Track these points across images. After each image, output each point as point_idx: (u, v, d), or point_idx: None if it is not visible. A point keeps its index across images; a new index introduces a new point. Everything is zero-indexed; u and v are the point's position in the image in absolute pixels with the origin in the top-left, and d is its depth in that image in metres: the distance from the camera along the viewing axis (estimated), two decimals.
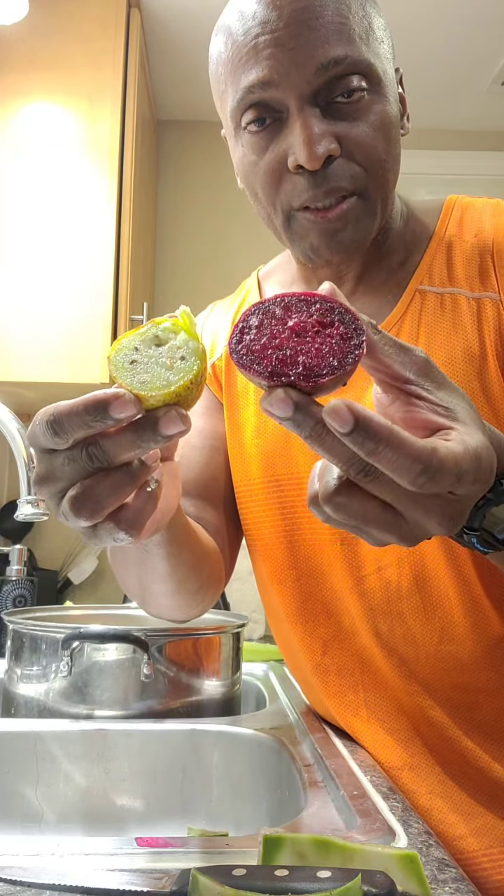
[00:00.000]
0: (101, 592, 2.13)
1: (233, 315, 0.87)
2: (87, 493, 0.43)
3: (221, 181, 2.34)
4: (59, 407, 0.42)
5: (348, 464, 0.40)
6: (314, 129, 0.62)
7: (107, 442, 0.42)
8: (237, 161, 0.71)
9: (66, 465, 0.43)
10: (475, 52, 2.14)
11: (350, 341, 0.41)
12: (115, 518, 0.45)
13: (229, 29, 0.67)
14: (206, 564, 0.74)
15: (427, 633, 0.72)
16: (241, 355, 0.42)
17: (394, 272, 0.75)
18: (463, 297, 0.71)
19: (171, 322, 0.44)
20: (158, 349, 0.43)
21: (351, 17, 0.64)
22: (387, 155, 0.66)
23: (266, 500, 0.79)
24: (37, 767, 0.85)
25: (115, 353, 0.43)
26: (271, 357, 0.41)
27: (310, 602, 0.78)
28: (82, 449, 0.42)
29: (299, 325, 0.42)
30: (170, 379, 0.42)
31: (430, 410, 0.44)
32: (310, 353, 0.41)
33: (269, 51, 0.63)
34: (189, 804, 0.86)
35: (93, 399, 0.41)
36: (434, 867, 0.50)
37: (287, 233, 0.69)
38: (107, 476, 0.43)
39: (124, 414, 0.41)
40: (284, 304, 0.43)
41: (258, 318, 0.42)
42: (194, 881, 0.43)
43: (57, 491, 0.44)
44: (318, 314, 0.42)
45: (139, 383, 0.42)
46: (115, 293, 1.76)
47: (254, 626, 1.73)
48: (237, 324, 0.43)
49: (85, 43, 1.84)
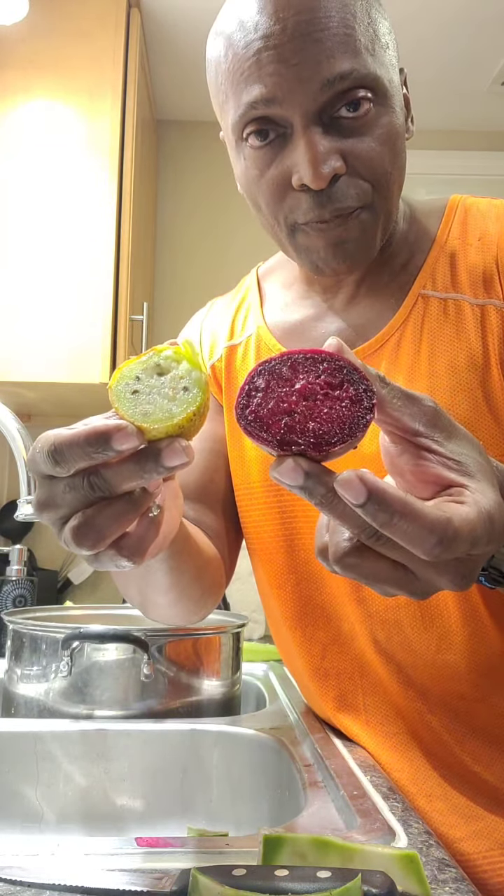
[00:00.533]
0: (101, 592, 2.13)
1: (232, 313, 0.86)
2: (89, 523, 0.42)
3: (221, 181, 2.34)
4: (60, 437, 0.41)
5: (360, 529, 0.40)
6: (319, 147, 0.61)
7: (108, 472, 0.42)
8: (239, 173, 0.69)
9: (67, 492, 0.42)
10: (475, 52, 2.14)
11: (360, 404, 0.40)
12: (118, 546, 0.44)
13: (230, 38, 0.64)
14: (208, 573, 0.73)
15: (424, 642, 0.72)
16: (248, 422, 0.41)
17: (396, 275, 0.74)
18: (466, 303, 0.70)
19: (173, 350, 0.43)
20: (161, 378, 0.42)
21: (357, 27, 0.61)
22: (393, 167, 0.65)
23: (266, 504, 0.79)
24: (37, 767, 0.85)
25: (117, 383, 0.42)
26: (280, 423, 0.40)
27: (309, 606, 0.78)
28: (84, 478, 0.42)
29: (307, 388, 0.40)
30: (173, 410, 0.41)
31: (442, 465, 0.43)
32: (320, 419, 0.40)
33: (273, 66, 0.60)
34: (189, 804, 0.86)
35: (94, 431, 0.40)
36: (434, 867, 0.50)
37: (292, 245, 0.68)
38: (108, 505, 0.42)
39: (126, 446, 0.40)
40: (291, 363, 0.41)
41: (265, 378, 0.41)
42: (194, 881, 0.43)
43: (58, 518, 0.44)
44: (326, 374, 0.41)
45: (141, 415, 0.41)
46: (115, 293, 1.75)
47: (254, 626, 1.73)
48: (243, 385, 0.41)
49: (85, 43, 1.84)
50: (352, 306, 0.75)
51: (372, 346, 0.73)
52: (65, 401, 1.90)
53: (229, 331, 0.85)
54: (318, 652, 0.79)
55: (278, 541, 0.79)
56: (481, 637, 0.70)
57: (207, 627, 0.99)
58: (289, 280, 0.82)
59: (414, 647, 0.72)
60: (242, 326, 0.84)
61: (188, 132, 2.44)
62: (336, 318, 0.76)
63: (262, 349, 0.81)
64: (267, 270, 0.87)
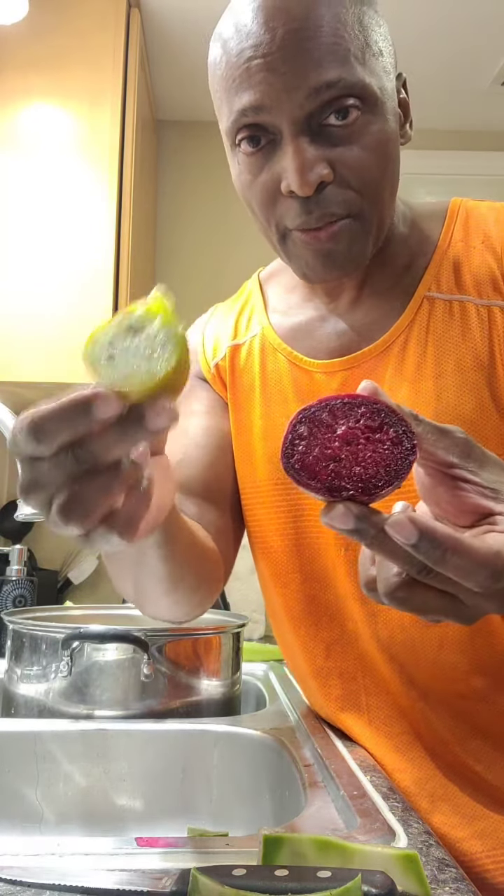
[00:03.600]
0: (101, 592, 2.13)
1: (235, 315, 0.86)
2: (76, 498, 0.40)
3: (221, 181, 2.33)
4: (39, 412, 0.39)
5: (410, 565, 0.41)
6: (306, 154, 0.62)
7: (93, 442, 0.40)
8: (234, 176, 0.70)
9: (52, 470, 0.40)
10: (475, 52, 2.14)
11: (402, 445, 0.42)
12: (108, 522, 0.42)
13: (226, 45, 0.65)
14: (205, 564, 0.72)
15: (427, 641, 0.72)
16: (296, 471, 0.42)
17: (399, 278, 0.75)
18: (472, 304, 0.71)
19: (144, 309, 0.41)
20: (135, 339, 0.40)
21: (346, 36, 0.62)
22: (382, 176, 0.65)
23: (272, 502, 0.79)
24: (37, 767, 0.85)
25: (91, 349, 0.40)
26: (326, 469, 0.42)
27: (313, 605, 0.78)
28: (67, 452, 0.40)
29: (348, 433, 0.42)
30: (152, 370, 0.39)
31: (478, 493, 0.45)
32: (365, 463, 0.42)
33: (262, 75, 0.62)
34: (189, 804, 0.86)
35: (73, 401, 0.39)
36: (434, 867, 0.50)
37: (284, 250, 0.69)
38: (95, 478, 0.40)
39: (108, 413, 0.39)
40: (330, 409, 0.43)
41: (307, 427, 0.43)
42: (194, 881, 0.43)
43: (45, 499, 0.42)
44: (365, 419, 0.42)
45: (121, 378, 0.39)
46: (115, 293, 1.75)
47: (254, 626, 1.73)
48: (287, 434, 0.43)
49: (85, 43, 1.84)
50: (355, 309, 0.76)
51: (378, 347, 0.73)
52: None
53: (233, 331, 0.85)
54: (321, 651, 0.79)
55: (284, 539, 0.79)
56: (484, 636, 0.70)
57: (207, 627, 0.99)
58: (290, 284, 0.82)
59: (416, 647, 0.72)
60: (246, 327, 0.85)
61: (188, 132, 2.44)
62: (340, 321, 0.77)
63: (267, 348, 0.81)
64: (269, 274, 0.88)
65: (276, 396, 0.79)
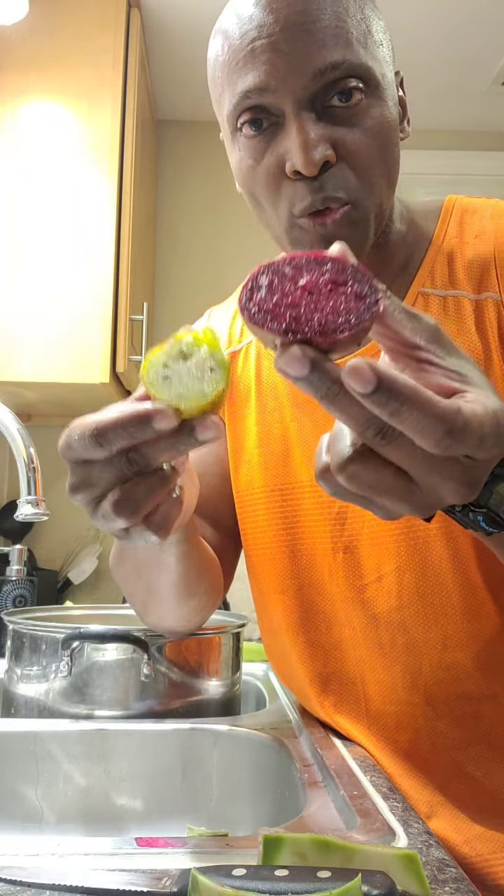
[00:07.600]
0: (101, 592, 2.13)
1: (228, 324, 0.87)
2: (128, 496, 0.47)
3: (221, 181, 2.33)
4: (103, 420, 0.45)
5: (365, 426, 0.39)
6: (310, 133, 0.62)
7: (147, 448, 0.46)
8: (235, 165, 0.70)
9: (104, 471, 0.47)
10: (475, 52, 2.14)
11: (365, 299, 0.40)
12: (147, 520, 0.49)
13: (226, 32, 0.66)
14: (211, 570, 0.75)
15: (430, 641, 0.71)
16: (252, 313, 0.41)
17: (396, 276, 0.75)
18: (466, 299, 0.71)
19: (193, 336, 0.46)
20: (186, 363, 0.46)
21: (349, 21, 0.63)
22: (383, 160, 0.65)
23: (267, 508, 0.79)
24: (37, 767, 0.85)
25: (148, 371, 0.46)
26: (285, 314, 0.40)
27: (311, 612, 0.78)
28: (123, 455, 0.46)
29: (311, 284, 0.41)
30: (204, 390, 0.45)
31: (443, 375, 0.42)
32: (325, 310, 0.40)
33: (266, 56, 0.62)
34: (189, 804, 0.86)
35: (136, 413, 0.45)
36: (434, 867, 0.50)
37: (289, 239, 0.68)
38: (143, 479, 0.47)
39: (166, 426, 0.44)
40: (294, 264, 0.41)
41: (268, 277, 0.41)
42: (194, 881, 0.43)
43: (94, 497, 0.48)
44: (331, 273, 0.41)
45: (176, 396, 0.45)
46: (115, 293, 1.75)
47: (254, 626, 1.72)
48: (246, 283, 0.42)
49: (85, 43, 1.84)
50: None
51: (374, 346, 0.73)
52: (65, 401, 1.90)
53: (227, 338, 0.86)
54: (320, 658, 0.78)
55: (280, 545, 0.79)
56: (488, 631, 0.70)
57: (207, 627, 0.99)
58: None
59: (419, 648, 0.72)
60: (241, 333, 0.85)
61: (188, 132, 2.44)
62: None
63: (262, 355, 0.81)
64: None
65: (272, 403, 0.79)
